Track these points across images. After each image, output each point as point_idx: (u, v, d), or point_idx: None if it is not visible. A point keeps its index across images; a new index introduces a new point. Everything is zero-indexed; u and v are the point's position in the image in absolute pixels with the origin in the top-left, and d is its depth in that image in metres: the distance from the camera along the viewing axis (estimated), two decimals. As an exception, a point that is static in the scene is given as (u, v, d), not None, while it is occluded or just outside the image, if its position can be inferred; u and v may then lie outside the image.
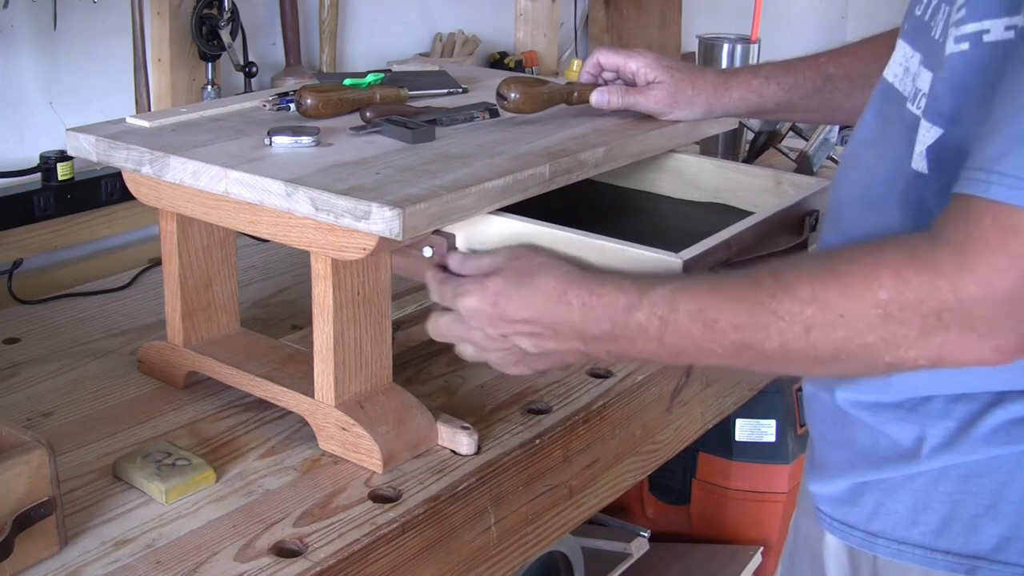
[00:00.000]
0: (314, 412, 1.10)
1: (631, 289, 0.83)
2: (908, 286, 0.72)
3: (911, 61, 0.86)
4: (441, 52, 2.13)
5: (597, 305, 0.84)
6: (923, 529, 0.87)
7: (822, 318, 0.74)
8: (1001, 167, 0.70)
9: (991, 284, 0.70)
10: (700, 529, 2.04)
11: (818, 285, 0.75)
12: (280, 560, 0.94)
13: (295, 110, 1.23)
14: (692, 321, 0.79)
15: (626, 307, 0.83)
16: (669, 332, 0.80)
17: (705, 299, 0.80)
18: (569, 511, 1.21)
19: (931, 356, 0.73)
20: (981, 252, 0.70)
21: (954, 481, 0.85)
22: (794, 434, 2.01)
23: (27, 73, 1.54)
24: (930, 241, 0.73)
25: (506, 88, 1.21)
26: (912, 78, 0.86)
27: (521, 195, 1.06)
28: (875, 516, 0.90)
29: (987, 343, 0.71)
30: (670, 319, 0.80)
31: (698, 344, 0.80)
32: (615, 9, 2.52)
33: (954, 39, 0.77)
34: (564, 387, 1.25)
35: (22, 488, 0.89)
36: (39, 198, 1.51)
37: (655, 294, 0.82)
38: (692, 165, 1.28)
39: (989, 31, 0.75)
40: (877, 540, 0.90)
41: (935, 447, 0.85)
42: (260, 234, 1.07)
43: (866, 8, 3.47)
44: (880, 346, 0.73)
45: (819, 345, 0.75)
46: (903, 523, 0.88)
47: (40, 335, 1.37)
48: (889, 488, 0.89)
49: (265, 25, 1.86)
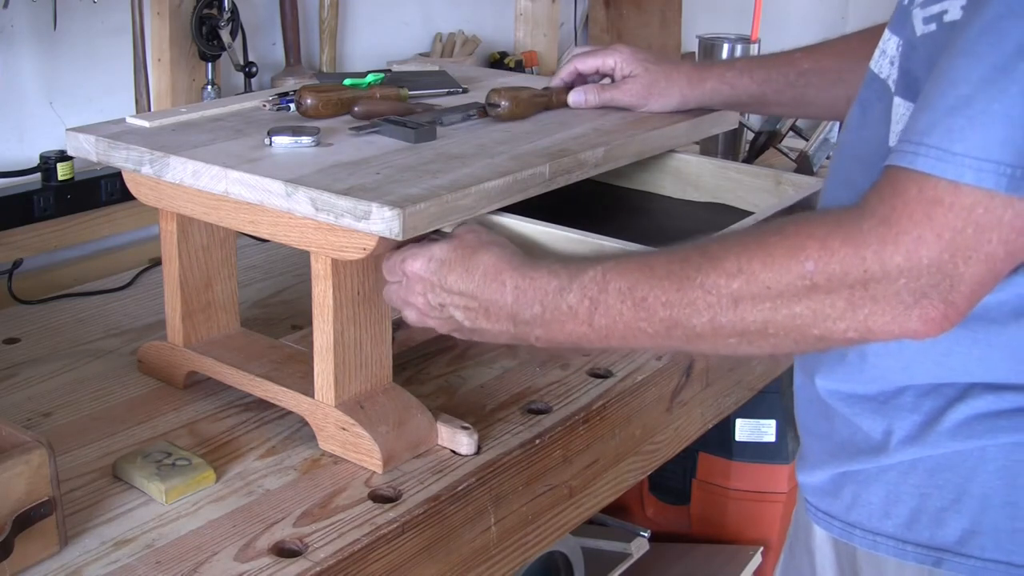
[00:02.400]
0: (314, 412, 1.10)
1: (563, 273, 0.85)
2: (834, 257, 0.73)
3: (891, 45, 0.87)
4: (441, 52, 2.12)
5: (529, 288, 0.86)
6: (895, 521, 0.87)
7: (748, 290, 0.75)
8: (929, 139, 0.71)
9: (916, 255, 0.71)
10: (700, 529, 2.04)
11: (744, 258, 0.76)
12: (280, 560, 0.94)
13: (295, 110, 1.23)
14: (622, 300, 0.80)
15: (557, 289, 0.84)
16: (599, 313, 0.81)
17: (634, 277, 0.80)
18: (569, 511, 1.21)
19: (860, 328, 0.74)
20: (906, 224, 0.71)
21: (921, 474, 0.86)
22: (794, 434, 2.01)
23: (27, 73, 1.54)
24: (857, 213, 0.74)
25: (496, 97, 1.22)
26: (891, 61, 0.86)
27: (521, 195, 1.06)
28: (853, 507, 0.91)
29: (913, 314, 0.72)
30: (600, 299, 0.81)
31: (628, 324, 0.80)
32: (615, 9, 2.53)
33: (922, 20, 0.79)
34: (564, 387, 1.25)
35: (22, 488, 0.89)
36: (39, 198, 1.51)
37: (586, 276, 0.83)
38: (692, 165, 1.28)
39: (947, 11, 0.76)
40: (855, 531, 0.90)
41: (902, 440, 0.86)
42: (260, 234, 1.07)
43: (866, 8, 3.47)
44: (808, 317, 0.74)
45: (746, 317, 0.76)
46: (877, 515, 0.88)
47: (40, 335, 1.37)
48: (865, 480, 0.89)
49: (265, 25, 1.86)
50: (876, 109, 0.87)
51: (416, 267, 0.94)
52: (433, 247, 0.94)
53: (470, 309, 0.91)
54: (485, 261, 0.90)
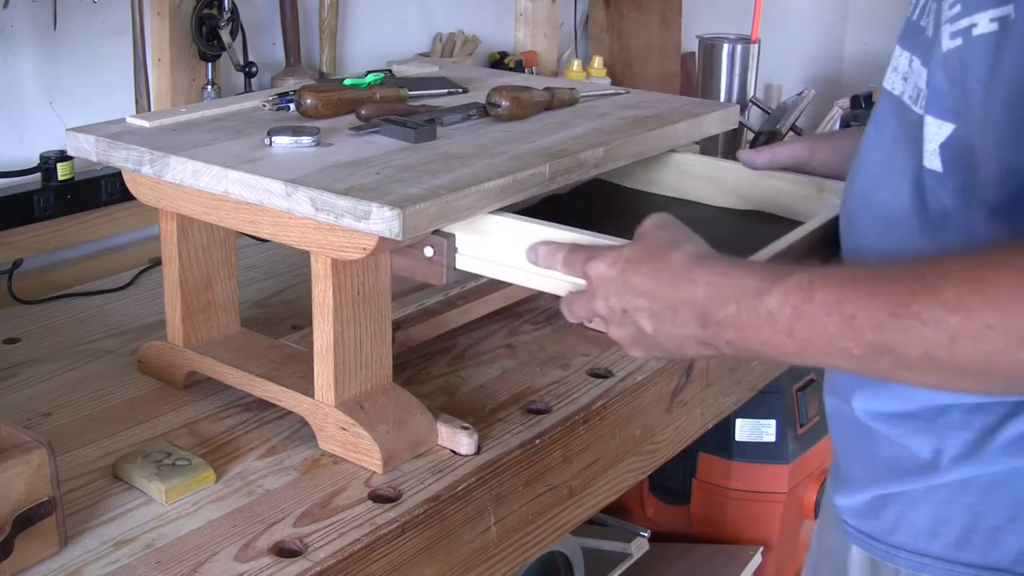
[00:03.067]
0: (314, 412, 1.10)
1: (764, 273, 0.77)
2: None
3: (903, 61, 0.86)
4: (441, 52, 2.12)
5: (724, 285, 0.78)
6: (944, 541, 0.85)
7: (968, 328, 0.68)
8: None
9: None
10: (700, 529, 2.04)
11: (963, 288, 0.68)
12: (280, 560, 0.94)
13: (295, 110, 1.23)
14: (828, 314, 0.72)
15: (756, 291, 0.76)
16: (801, 323, 0.74)
17: (844, 291, 0.72)
18: (569, 511, 1.21)
19: None
20: None
21: (975, 493, 0.83)
22: (794, 434, 2.01)
23: (27, 73, 1.54)
24: None
25: (497, 97, 1.22)
26: (904, 77, 0.85)
27: (521, 195, 1.05)
28: (897, 528, 0.88)
29: None
30: (803, 309, 0.74)
31: (832, 341, 0.73)
32: (615, 9, 2.52)
33: (949, 35, 0.77)
34: (564, 387, 1.25)
35: (22, 488, 0.89)
36: (39, 198, 1.51)
37: (790, 280, 0.75)
38: (731, 172, 1.24)
39: (977, 24, 0.74)
40: (899, 552, 0.88)
41: (953, 459, 0.84)
42: (260, 234, 1.07)
43: (866, 8, 3.48)
44: None
45: (964, 356, 0.68)
46: (924, 535, 0.86)
47: (40, 335, 1.37)
48: (910, 500, 0.87)
49: (265, 25, 1.86)
50: (890, 126, 0.85)
51: (600, 268, 0.86)
52: (622, 247, 0.86)
53: (655, 312, 0.82)
54: (675, 258, 0.82)
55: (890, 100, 0.87)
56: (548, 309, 1.44)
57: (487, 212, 1.03)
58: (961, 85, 0.76)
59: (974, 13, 0.74)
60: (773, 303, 0.75)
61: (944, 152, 0.79)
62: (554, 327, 1.40)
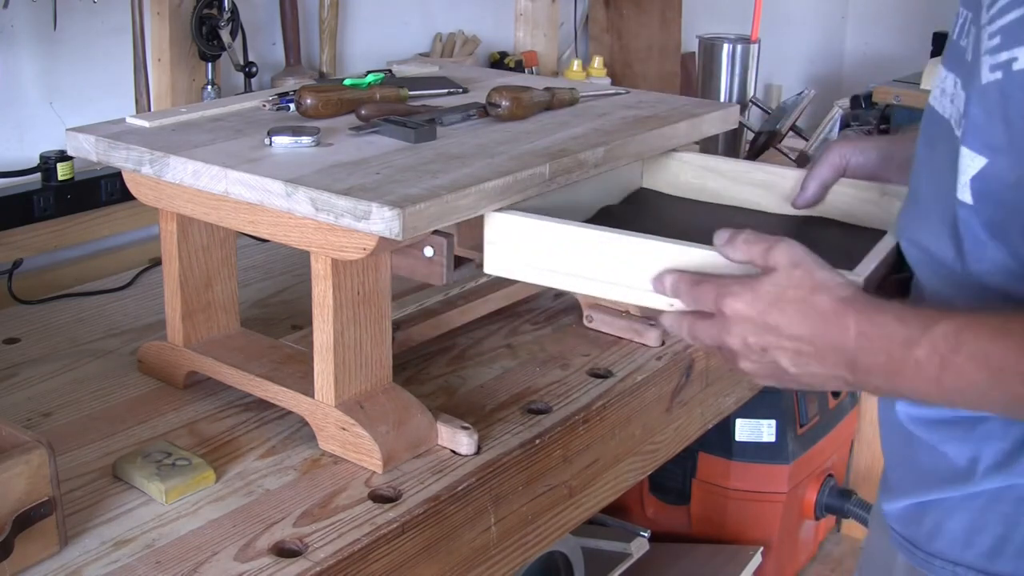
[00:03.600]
0: (314, 412, 1.10)
1: (912, 321, 0.77)
2: None
3: (948, 83, 0.85)
4: (441, 52, 2.12)
5: (875, 336, 0.78)
6: (977, 551, 0.85)
7: None
8: None
9: None
10: (700, 529, 2.05)
11: None
12: (280, 560, 0.94)
13: (295, 110, 1.23)
14: (976, 367, 0.73)
15: (905, 341, 0.76)
16: (948, 374, 0.74)
17: (991, 343, 0.73)
18: (569, 511, 1.21)
19: None
20: None
21: (1010, 503, 0.83)
22: (794, 434, 2.01)
23: (27, 73, 1.54)
24: None
25: (497, 97, 1.22)
26: (951, 100, 0.84)
27: (521, 195, 1.05)
28: (934, 536, 0.88)
29: None
30: (951, 360, 0.74)
31: (980, 391, 0.74)
32: (615, 9, 2.52)
33: (989, 67, 0.76)
34: (564, 387, 1.25)
35: (22, 488, 0.89)
36: (39, 198, 1.51)
37: (937, 330, 0.75)
38: (790, 180, 1.21)
39: (1017, 59, 0.73)
40: (935, 561, 0.88)
41: (989, 467, 0.83)
42: (260, 234, 1.07)
43: (866, 8, 3.48)
44: None
45: None
46: (959, 544, 0.86)
47: (40, 335, 1.37)
48: (947, 508, 0.87)
49: (265, 25, 1.86)
50: (941, 150, 0.84)
51: (739, 307, 0.83)
52: (758, 286, 0.83)
53: (801, 354, 0.81)
54: (823, 304, 0.81)
55: (940, 121, 0.86)
56: (548, 309, 1.44)
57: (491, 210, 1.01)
58: (1000, 120, 0.75)
59: (1015, 47, 0.74)
60: (922, 354, 0.75)
61: (975, 185, 0.78)
62: (554, 327, 1.40)
